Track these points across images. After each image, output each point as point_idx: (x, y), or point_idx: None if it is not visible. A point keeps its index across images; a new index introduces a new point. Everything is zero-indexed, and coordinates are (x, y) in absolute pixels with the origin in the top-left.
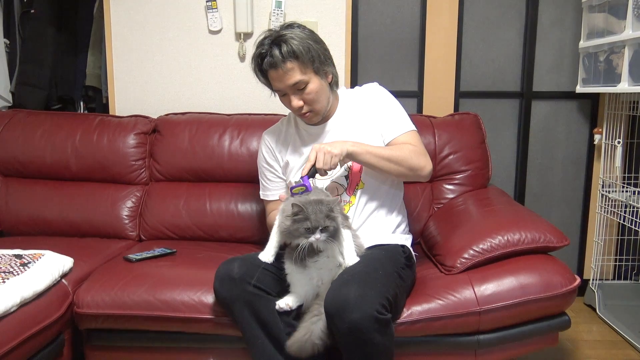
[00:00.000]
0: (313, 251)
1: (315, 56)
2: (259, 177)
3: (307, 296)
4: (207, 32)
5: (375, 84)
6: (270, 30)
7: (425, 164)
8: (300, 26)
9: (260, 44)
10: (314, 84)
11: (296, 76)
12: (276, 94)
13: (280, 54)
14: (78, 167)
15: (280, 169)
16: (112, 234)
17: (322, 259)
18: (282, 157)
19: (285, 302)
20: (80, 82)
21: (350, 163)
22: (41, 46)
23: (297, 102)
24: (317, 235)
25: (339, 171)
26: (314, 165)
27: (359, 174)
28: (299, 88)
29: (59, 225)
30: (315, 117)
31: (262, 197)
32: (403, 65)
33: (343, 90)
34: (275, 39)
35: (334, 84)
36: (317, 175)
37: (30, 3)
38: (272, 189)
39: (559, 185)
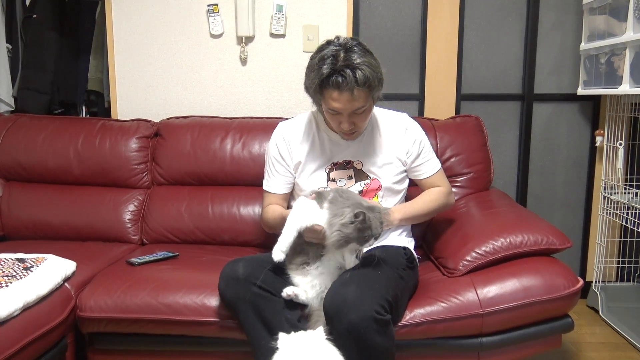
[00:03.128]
0: (315, 256)
1: (381, 86)
2: (266, 167)
3: (312, 304)
4: (209, 36)
5: (405, 114)
6: (333, 46)
7: (452, 202)
8: (362, 49)
9: (323, 61)
10: (370, 108)
11: (360, 103)
12: (317, 105)
13: (354, 79)
14: (80, 171)
15: (294, 166)
16: (115, 237)
17: (323, 263)
18: (297, 155)
19: (292, 290)
20: (82, 86)
21: (368, 181)
22: (43, 51)
23: (348, 125)
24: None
25: None
26: None
27: (374, 191)
28: (357, 113)
29: (62, 229)
30: (357, 136)
31: (264, 187)
32: (404, 68)
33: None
34: (348, 63)
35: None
36: None
37: (33, 8)
38: (278, 182)
39: (561, 187)
